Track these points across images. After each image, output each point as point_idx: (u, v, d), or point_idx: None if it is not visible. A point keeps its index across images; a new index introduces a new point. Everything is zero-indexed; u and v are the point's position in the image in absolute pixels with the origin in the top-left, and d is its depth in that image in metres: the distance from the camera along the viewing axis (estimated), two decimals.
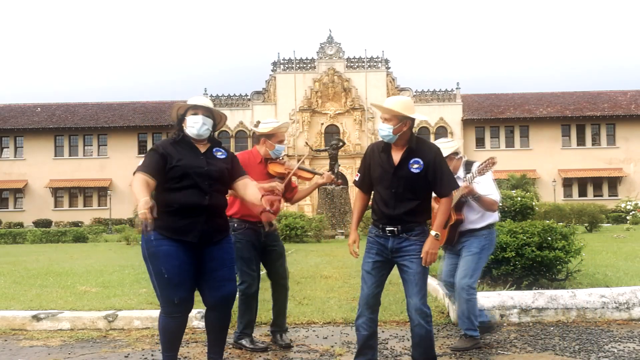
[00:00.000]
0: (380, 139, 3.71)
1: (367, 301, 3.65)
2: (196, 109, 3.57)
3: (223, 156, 3.61)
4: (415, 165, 3.54)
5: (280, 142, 4.55)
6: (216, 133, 3.84)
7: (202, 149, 3.58)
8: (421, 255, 3.55)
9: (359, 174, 3.82)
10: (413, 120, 3.61)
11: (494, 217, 4.55)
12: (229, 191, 3.77)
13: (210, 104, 3.64)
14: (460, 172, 4.50)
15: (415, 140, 3.62)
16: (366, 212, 4.08)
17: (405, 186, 3.56)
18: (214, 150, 3.61)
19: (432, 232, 3.56)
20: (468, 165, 4.52)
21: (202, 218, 3.42)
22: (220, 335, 3.59)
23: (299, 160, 4.73)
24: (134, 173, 3.41)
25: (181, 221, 3.38)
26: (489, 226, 4.55)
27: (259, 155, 4.56)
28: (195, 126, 3.52)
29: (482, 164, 4.32)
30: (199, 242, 3.42)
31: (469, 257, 4.44)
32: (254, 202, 3.54)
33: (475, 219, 4.47)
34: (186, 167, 3.42)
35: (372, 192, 3.77)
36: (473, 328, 4.38)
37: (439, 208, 3.66)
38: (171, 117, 3.71)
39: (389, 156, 3.62)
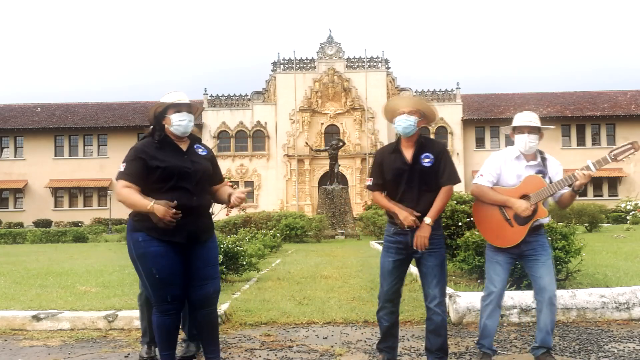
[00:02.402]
0: (386, 143, 3.92)
1: (388, 297, 3.88)
2: (179, 106, 3.53)
3: (204, 152, 3.62)
4: (427, 160, 3.77)
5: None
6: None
7: (184, 146, 3.57)
8: (414, 242, 3.69)
9: (372, 179, 3.93)
10: (426, 118, 3.88)
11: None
12: None
13: (187, 99, 3.60)
14: (539, 158, 3.96)
15: (423, 137, 3.86)
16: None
17: (420, 180, 3.76)
18: (195, 147, 3.60)
19: (426, 219, 3.68)
20: (542, 156, 3.98)
21: (190, 218, 3.43)
22: (211, 334, 3.59)
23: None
24: (118, 179, 3.40)
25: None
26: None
27: None
28: (182, 123, 3.51)
29: (620, 148, 3.69)
30: (187, 243, 3.44)
31: (549, 260, 3.89)
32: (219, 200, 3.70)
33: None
34: (173, 169, 3.40)
35: (387, 191, 3.91)
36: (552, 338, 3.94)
37: (438, 196, 3.75)
38: (148, 118, 3.67)
39: (401, 154, 3.82)
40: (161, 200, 3.27)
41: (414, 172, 3.75)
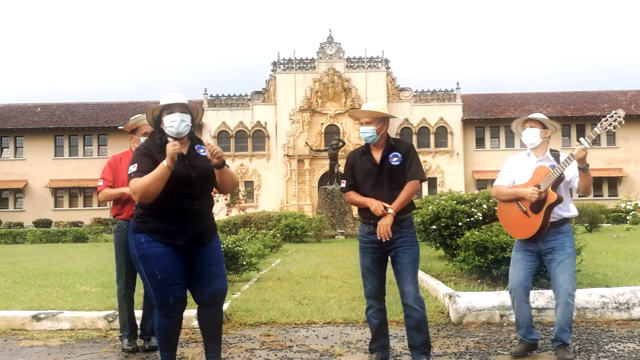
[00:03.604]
0: (358, 145, 4.04)
1: (372, 295, 3.97)
2: (171, 107, 3.47)
3: (205, 153, 3.51)
4: (395, 159, 3.92)
5: (146, 134, 4.44)
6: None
7: (184, 149, 3.48)
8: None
9: (345, 181, 4.08)
10: (388, 120, 4.02)
11: (575, 209, 4.20)
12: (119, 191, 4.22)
13: (183, 99, 3.52)
14: (548, 154, 4.24)
15: (392, 139, 4.04)
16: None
17: (390, 178, 3.90)
18: (196, 148, 3.54)
19: (389, 209, 3.79)
20: (554, 154, 4.22)
21: (193, 222, 3.41)
22: (215, 333, 3.57)
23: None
24: (131, 179, 3.32)
25: (171, 226, 3.37)
26: (571, 220, 4.21)
27: (131, 153, 4.59)
28: (174, 125, 3.43)
29: (606, 119, 3.89)
30: (190, 245, 3.41)
31: (569, 260, 4.05)
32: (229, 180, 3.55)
33: (565, 207, 4.08)
34: (174, 174, 3.33)
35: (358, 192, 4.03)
36: (569, 335, 4.11)
37: (403, 190, 3.88)
38: (148, 123, 3.65)
39: (371, 156, 4.00)
40: (167, 151, 3.25)
41: (382, 171, 3.90)
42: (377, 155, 3.97)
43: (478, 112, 40.41)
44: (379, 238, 3.79)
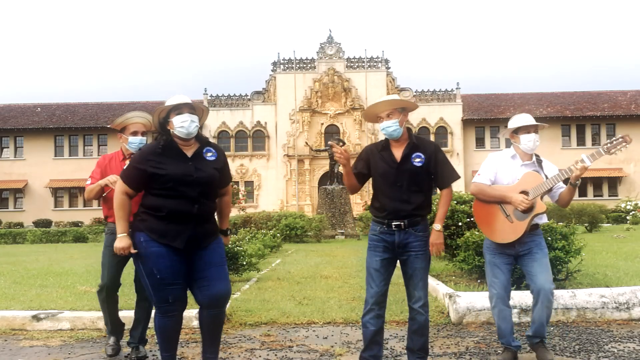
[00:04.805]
0: (378, 141, 3.87)
1: (376, 299, 3.75)
2: (180, 108, 3.47)
3: (213, 157, 3.51)
4: (418, 160, 3.70)
5: (134, 134, 4.31)
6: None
7: (190, 151, 3.47)
8: (429, 248, 3.70)
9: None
10: (407, 112, 3.80)
11: (546, 217, 4.17)
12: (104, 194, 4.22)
13: (189, 101, 3.54)
14: (534, 158, 4.13)
15: (414, 137, 3.79)
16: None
17: (409, 180, 3.69)
18: (204, 151, 3.51)
19: (436, 226, 3.68)
20: (537, 159, 4.14)
21: (190, 225, 3.39)
22: (214, 335, 3.57)
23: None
24: (120, 177, 3.52)
25: (169, 227, 3.37)
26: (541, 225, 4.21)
27: (121, 153, 4.46)
28: (184, 125, 3.42)
29: (612, 142, 3.84)
30: (186, 247, 3.40)
31: (545, 258, 4.00)
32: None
33: (541, 215, 4.04)
34: (173, 176, 3.34)
35: (373, 190, 3.85)
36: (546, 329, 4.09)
37: (440, 201, 3.76)
38: (153, 123, 3.66)
39: (390, 153, 3.76)
40: (125, 240, 3.42)
41: (402, 172, 3.68)
42: (397, 153, 3.72)
43: (478, 112, 40.41)
44: (432, 254, 3.71)
